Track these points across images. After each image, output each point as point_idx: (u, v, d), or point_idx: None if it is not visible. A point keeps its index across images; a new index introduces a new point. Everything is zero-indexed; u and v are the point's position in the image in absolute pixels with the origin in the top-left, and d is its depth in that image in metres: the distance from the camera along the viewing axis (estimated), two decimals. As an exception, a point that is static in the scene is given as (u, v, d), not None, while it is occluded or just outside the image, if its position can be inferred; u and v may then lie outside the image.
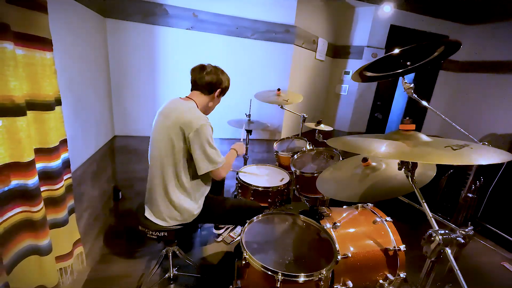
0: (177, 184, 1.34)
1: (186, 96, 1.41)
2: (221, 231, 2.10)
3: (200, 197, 1.43)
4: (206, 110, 1.47)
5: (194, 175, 1.36)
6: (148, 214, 1.41)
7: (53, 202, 1.01)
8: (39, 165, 0.93)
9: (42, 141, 0.94)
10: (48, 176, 0.97)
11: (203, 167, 1.30)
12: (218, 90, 1.42)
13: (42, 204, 0.88)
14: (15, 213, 0.83)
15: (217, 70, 1.40)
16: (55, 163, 0.98)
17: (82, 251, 1.24)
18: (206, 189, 1.48)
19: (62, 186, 1.03)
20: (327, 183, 1.32)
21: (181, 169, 1.32)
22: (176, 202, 1.34)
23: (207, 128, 1.27)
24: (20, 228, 0.85)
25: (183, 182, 1.34)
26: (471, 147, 0.79)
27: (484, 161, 0.72)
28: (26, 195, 0.83)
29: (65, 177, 1.08)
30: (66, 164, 1.10)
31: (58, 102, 1.00)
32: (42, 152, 0.94)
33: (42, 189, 0.95)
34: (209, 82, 1.37)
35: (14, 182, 0.80)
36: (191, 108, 1.33)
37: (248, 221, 1.21)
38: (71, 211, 1.15)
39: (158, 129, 1.34)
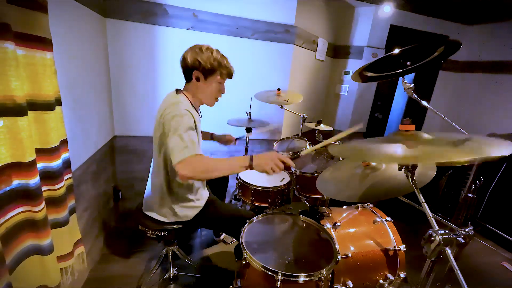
0: (171, 181, 1.31)
1: (181, 90, 1.33)
2: (221, 237, 2.08)
3: (195, 196, 1.38)
4: (203, 100, 1.34)
5: None
6: (146, 209, 1.40)
7: (53, 202, 1.01)
8: (39, 165, 0.93)
9: (42, 141, 0.94)
10: (48, 176, 0.98)
11: (173, 159, 1.08)
12: (195, 73, 1.24)
13: (43, 204, 0.88)
14: (17, 213, 0.83)
15: (186, 52, 1.23)
16: (56, 163, 0.99)
17: (83, 251, 1.24)
18: (202, 189, 1.44)
19: (62, 186, 1.03)
20: (327, 184, 1.32)
21: (168, 166, 1.27)
22: (172, 198, 1.32)
23: (178, 118, 1.12)
24: (22, 228, 0.85)
25: (174, 180, 1.30)
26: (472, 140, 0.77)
27: (496, 152, 0.68)
28: (27, 195, 0.83)
29: (65, 177, 1.09)
30: (67, 164, 1.11)
31: (58, 102, 1.00)
32: (43, 152, 0.94)
33: (43, 189, 0.95)
34: (183, 67, 1.26)
35: (16, 182, 0.81)
36: (174, 102, 1.21)
37: (248, 221, 1.20)
38: (72, 211, 1.15)
39: (154, 126, 1.31)
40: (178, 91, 1.33)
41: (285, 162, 1.11)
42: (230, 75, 1.33)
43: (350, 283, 1.17)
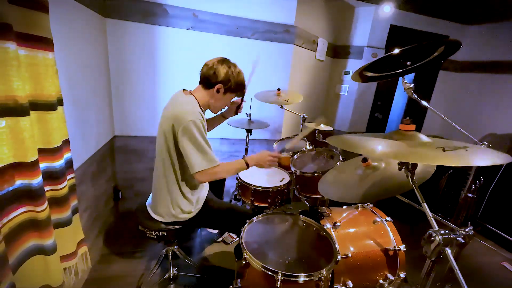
0: (173, 180, 1.31)
1: (190, 90, 1.34)
2: (221, 237, 2.09)
3: (196, 197, 1.39)
4: (211, 107, 1.37)
5: (186, 173, 1.31)
6: (149, 208, 1.41)
7: (56, 202, 1.01)
8: (42, 165, 0.94)
9: (45, 141, 0.94)
10: (51, 176, 0.98)
11: (193, 167, 1.21)
12: (218, 86, 1.27)
13: (46, 204, 0.88)
14: (20, 213, 0.84)
15: (218, 64, 1.27)
16: (58, 163, 0.99)
17: (86, 251, 1.25)
18: (203, 189, 1.45)
19: (65, 186, 1.03)
20: (329, 187, 1.32)
21: (175, 166, 1.29)
22: (174, 199, 1.32)
23: (193, 125, 1.17)
24: (25, 228, 0.86)
25: (178, 179, 1.31)
26: (466, 149, 0.79)
27: (481, 163, 0.72)
28: (30, 195, 0.84)
29: (68, 177, 1.09)
30: (69, 164, 1.11)
31: (60, 102, 1.01)
32: (45, 152, 0.95)
33: (45, 189, 0.95)
34: (204, 75, 1.29)
35: (19, 182, 0.81)
36: (184, 103, 1.25)
37: (248, 221, 1.21)
38: (74, 211, 1.15)
39: (159, 124, 1.31)
40: (185, 91, 1.34)
41: (276, 156, 1.36)
42: (243, 94, 1.42)
43: (350, 283, 1.17)
